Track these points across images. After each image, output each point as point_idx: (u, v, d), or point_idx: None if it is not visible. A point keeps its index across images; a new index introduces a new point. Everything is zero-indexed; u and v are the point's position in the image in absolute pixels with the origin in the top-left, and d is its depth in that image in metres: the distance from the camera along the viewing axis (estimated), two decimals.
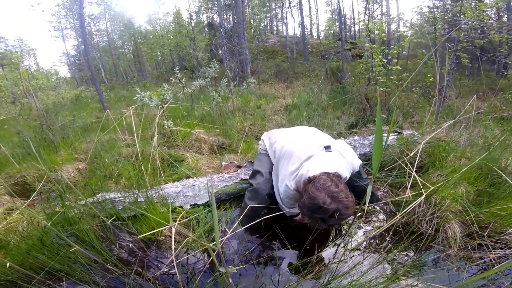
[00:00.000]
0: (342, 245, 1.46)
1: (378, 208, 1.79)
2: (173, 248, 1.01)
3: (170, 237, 1.49)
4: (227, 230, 1.58)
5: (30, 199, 1.52)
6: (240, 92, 5.70)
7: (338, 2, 12.49)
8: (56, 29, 20.59)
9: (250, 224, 1.23)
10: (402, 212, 1.34)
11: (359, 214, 1.69)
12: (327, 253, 1.44)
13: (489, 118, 2.74)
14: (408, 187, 1.59)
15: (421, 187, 1.47)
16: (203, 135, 2.79)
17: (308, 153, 1.37)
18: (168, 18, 21.57)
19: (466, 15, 3.70)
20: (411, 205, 1.34)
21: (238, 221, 1.58)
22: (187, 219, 1.62)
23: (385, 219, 1.70)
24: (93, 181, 1.92)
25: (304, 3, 25.69)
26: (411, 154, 1.80)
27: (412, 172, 1.55)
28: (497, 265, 1.23)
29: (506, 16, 9.18)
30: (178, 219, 1.38)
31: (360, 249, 1.45)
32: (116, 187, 1.87)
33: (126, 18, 21.04)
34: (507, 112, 3.34)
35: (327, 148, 1.38)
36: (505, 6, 10.81)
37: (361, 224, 1.66)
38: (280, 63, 13.03)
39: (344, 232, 1.59)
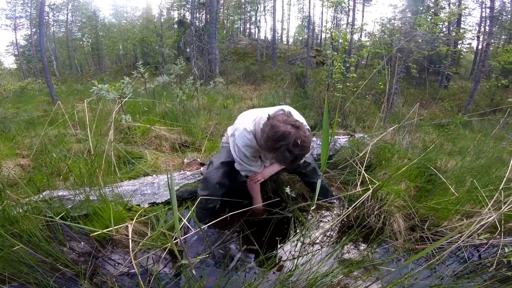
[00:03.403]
0: (302, 239, 1.54)
1: (334, 202, 1.91)
2: (130, 247, 0.98)
3: (127, 236, 1.43)
4: (190, 227, 1.56)
5: None
6: (206, 91, 5.63)
7: (309, 10, 13.03)
8: (9, 17, 18.63)
9: (215, 221, 1.24)
10: (353, 205, 1.47)
11: (313, 207, 1.80)
12: (288, 247, 1.50)
13: (429, 124, 3.12)
14: (358, 183, 1.74)
15: (368, 183, 1.61)
16: (164, 132, 2.69)
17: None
18: (136, 12, 20.75)
19: (421, 27, 4.06)
20: (360, 199, 1.47)
21: (194, 213, 1.58)
22: (146, 217, 1.57)
23: (339, 214, 1.82)
24: (38, 178, 1.75)
25: (278, 9, 26.33)
26: (361, 154, 1.97)
27: (362, 170, 1.70)
28: (437, 256, 1.36)
29: (455, 29, 10.23)
30: (135, 218, 1.33)
31: (317, 243, 1.54)
32: (64, 185, 1.73)
33: (90, 10, 19.70)
34: (444, 119, 3.79)
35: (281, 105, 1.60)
36: (456, 21, 12.18)
37: (318, 218, 1.77)
38: (249, 65, 13.19)
39: (302, 226, 1.68)
